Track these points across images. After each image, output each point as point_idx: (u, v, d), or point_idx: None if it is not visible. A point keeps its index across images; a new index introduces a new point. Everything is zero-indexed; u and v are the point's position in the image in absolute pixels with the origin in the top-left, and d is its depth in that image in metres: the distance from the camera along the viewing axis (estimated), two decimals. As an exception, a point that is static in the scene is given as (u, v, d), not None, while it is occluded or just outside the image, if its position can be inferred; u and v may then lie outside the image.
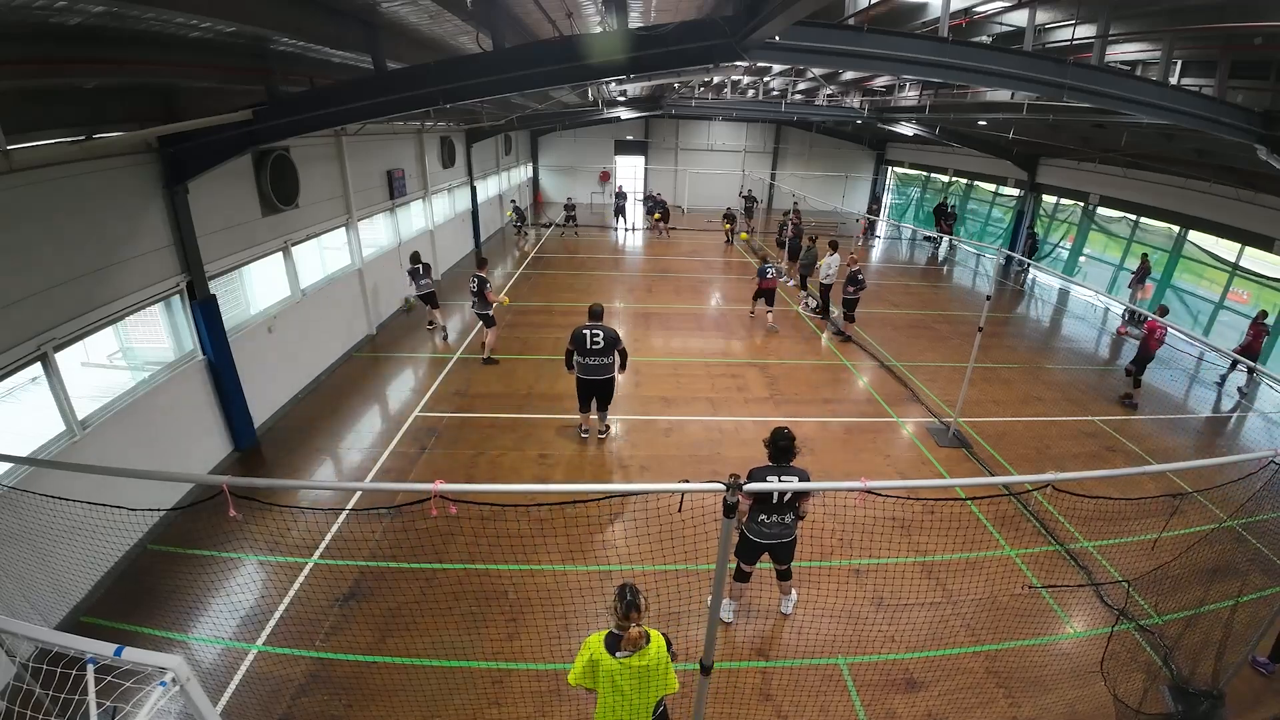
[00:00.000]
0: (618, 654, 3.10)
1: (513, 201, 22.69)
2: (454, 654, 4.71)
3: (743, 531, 4.83)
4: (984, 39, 8.18)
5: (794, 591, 5.34)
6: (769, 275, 12.01)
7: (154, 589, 5.29)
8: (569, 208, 22.58)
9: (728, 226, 21.10)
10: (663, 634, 3.27)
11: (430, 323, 11.81)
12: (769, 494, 4.49)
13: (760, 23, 4.63)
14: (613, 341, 7.26)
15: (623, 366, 7.53)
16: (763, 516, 4.63)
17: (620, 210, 23.15)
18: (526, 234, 21.73)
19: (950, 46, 5.83)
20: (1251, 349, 9.88)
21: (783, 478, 4.45)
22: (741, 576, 5.06)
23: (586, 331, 7.21)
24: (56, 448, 5.03)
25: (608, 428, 7.99)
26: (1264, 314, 10.19)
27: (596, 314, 7.37)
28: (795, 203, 22.03)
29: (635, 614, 3.09)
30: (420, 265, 11.21)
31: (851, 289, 11.51)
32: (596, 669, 3.15)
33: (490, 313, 10.15)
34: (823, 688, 4.58)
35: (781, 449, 4.57)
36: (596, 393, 7.53)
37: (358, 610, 5.16)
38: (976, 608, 5.37)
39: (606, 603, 4.96)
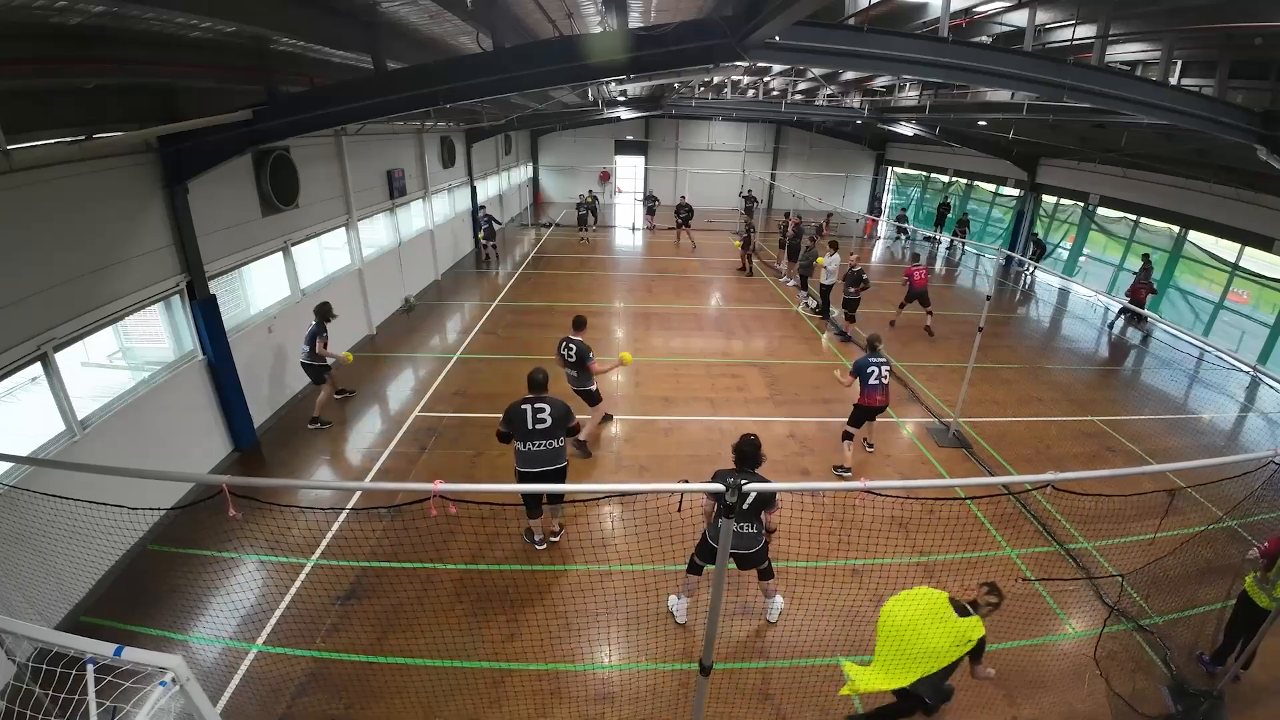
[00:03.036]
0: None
1: (482, 209, 17.80)
2: (454, 654, 4.71)
3: (704, 535, 4.80)
4: (984, 39, 8.18)
5: (779, 597, 5.24)
6: (884, 383, 7.10)
7: (154, 589, 5.29)
8: (582, 205, 20.93)
9: (738, 244, 17.76)
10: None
11: (330, 403, 8.36)
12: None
13: (760, 23, 4.64)
14: (563, 418, 5.38)
15: (572, 435, 5.67)
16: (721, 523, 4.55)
17: (593, 209, 21.64)
18: (493, 259, 17.47)
19: (950, 46, 5.83)
20: (1138, 298, 12.52)
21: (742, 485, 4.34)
22: (694, 569, 4.97)
23: (527, 408, 5.30)
24: (56, 448, 5.04)
25: (561, 526, 6.12)
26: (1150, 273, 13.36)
27: (539, 383, 5.44)
28: (795, 213, 21.16)
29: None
30: (324, 323, 7.95)
31: (853, 289, 11.50)
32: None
33: (593, 388, 7.56)
34: (823, 688, 4.58)
35: (744, 454, 4.47)
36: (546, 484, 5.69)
37: (357, 610, 5.16)
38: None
39: (605, 601, 5.00)
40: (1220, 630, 4.79)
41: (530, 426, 5.29)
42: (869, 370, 7.02)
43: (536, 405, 5.32)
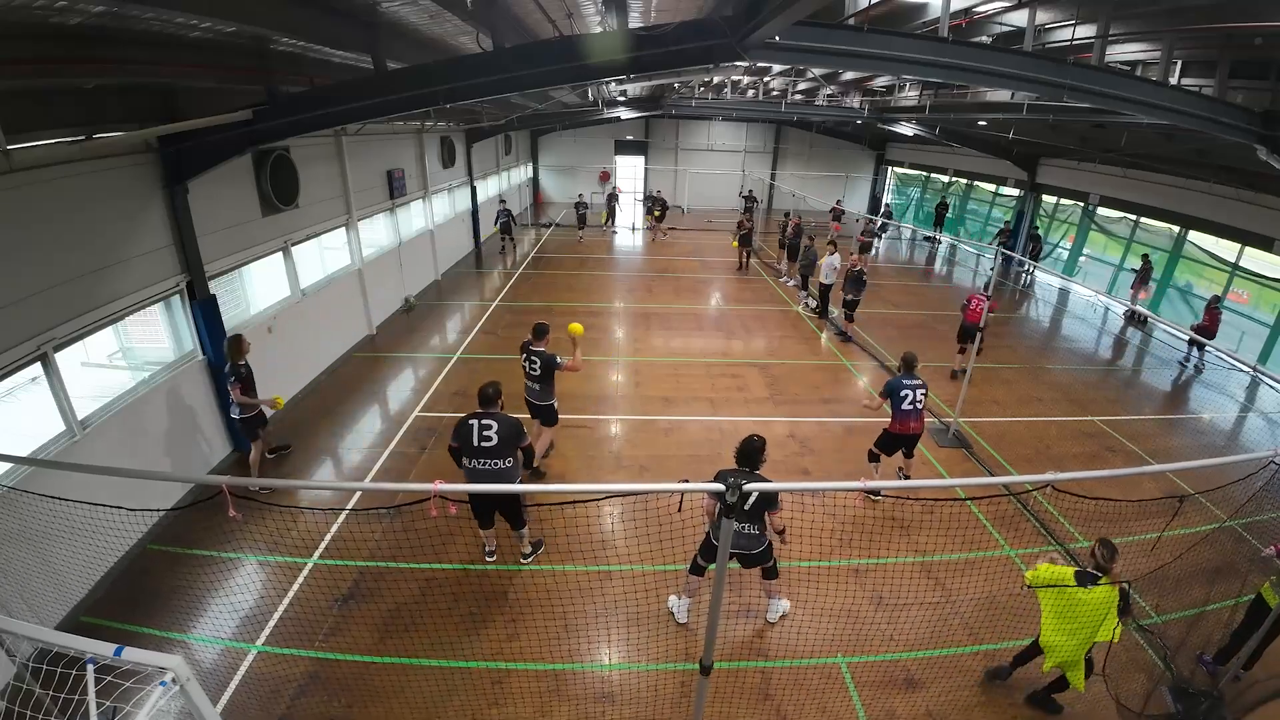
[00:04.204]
0: (1088, 585, 3.96)
1: (501, 201, 18.83)
2: (454, 654, 4.71)
3: (708, 534, 4.80)
4: (984, 39, 8.18)
5: (782, 599, 5.22)
6: (919, 408, 6.49)
7: (154, 589, 5.29)
8: (580, 205, 20.95)
9: (735, 244, 17.62)
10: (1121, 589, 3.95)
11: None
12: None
13: (760, 23, 4.64)
14: (511, 437, 5.06)
15: (528, 464, 5.22)
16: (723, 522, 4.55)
17: (612, 211, 22.10)
18: (509, 251, 18.17)
19: (950, 46, 5.83)
20: (1209, 330, 10.86)
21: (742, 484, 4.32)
22: (696, 570, 4.94)
23: (474, 423, 5.02)
24: (56, 448, 5.03)
25: (532, 548, 5.80)
26: (1217, 298, 11.43)
27: (489, 397, 5.12)
28: (795, 213, 19.89)
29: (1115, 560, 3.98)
30: (235, 364, 6.36)
31: (852, 293, 11.47)
32: (1061, 590, 4.03)
33: (553, 404, 6.95)
34: (823, 687, 4.58)
35: (745, 454, 4.47)
36: (497, 507, 5.45)
37: (357, 610, 5.16)
38: (976, 607, 5.37)
39: (605, 601, 5.00)
40: (1226, 631, 4.78)
41: (475, 444, 5.02)
42: (903, 393, 6.38)
43: (483, 421, 5.04)
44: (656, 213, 21.47)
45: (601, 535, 6.04)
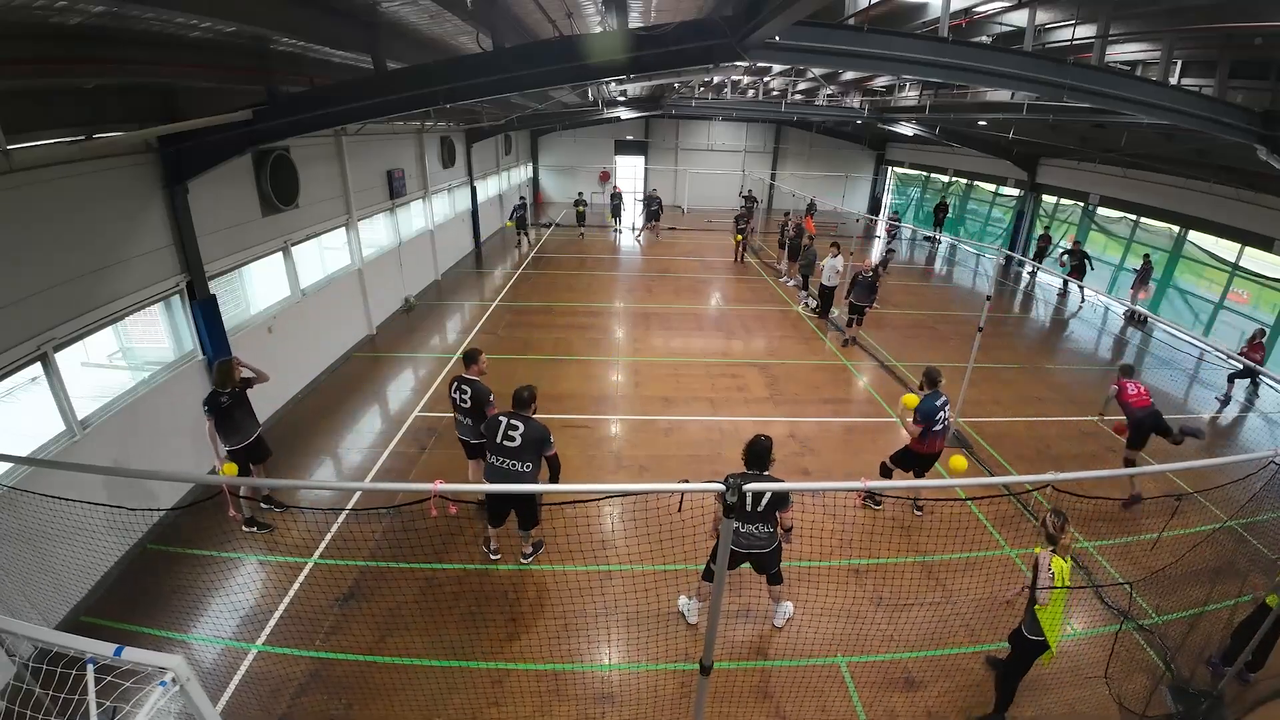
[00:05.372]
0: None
1: (521, 198, 20.45)
2: (454, 654, 4.71)
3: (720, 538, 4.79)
4: (984, 39, 8.18)
5: (787, 604, 5.21)
6: (947, 425, 6.29)
7: (154, 589, 5.29)
8: (580, 203, 21.31)
9: (738, 239, 18.26)
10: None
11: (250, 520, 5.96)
12: (741, 501, 4.35)
13: (760, 23, 4.64)
14: (537, 443, 5.07)
15: (553, 477, 5.27)
16: (736, 525, 4.50)
17: (616, 211, 22.41)
18: (524, 243, 19.53)
19: (950, 46, 5.83)
20: (1255, 356, 9.56)
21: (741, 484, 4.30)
22: (710, 576, 4.92)
23: (504, 420, 5.09)
24: (56, 448, 5.03)
25: (533, 548, 5.83)
26: (1263, 331, 10.29)
27: (523, 400, 5.18)
28: (795, 213, 20.29)
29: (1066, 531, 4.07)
30: (217, 394, 5.66)
31: (864, 299, 11.38)
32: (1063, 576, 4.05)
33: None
34: (822, 687, 4.58)
35: (755, 455, 4.49)
36: (514, 507, 5.52)
37: (358, 610, 5.16)
38: (976, 608, 5.37)
39: (606, 601, 5.00)
40: (1228, 631, 4.77)
41: (498, 440, 5.09)
42: (937, 415, 5.99)
43: (511, 422, 5.08)
44: (653, 209, 21.66)
45: (601, 535, 6.03)
